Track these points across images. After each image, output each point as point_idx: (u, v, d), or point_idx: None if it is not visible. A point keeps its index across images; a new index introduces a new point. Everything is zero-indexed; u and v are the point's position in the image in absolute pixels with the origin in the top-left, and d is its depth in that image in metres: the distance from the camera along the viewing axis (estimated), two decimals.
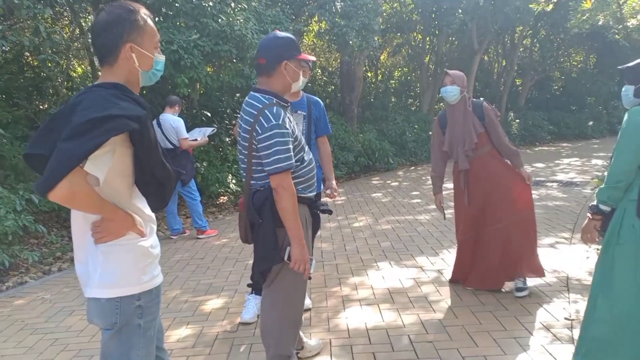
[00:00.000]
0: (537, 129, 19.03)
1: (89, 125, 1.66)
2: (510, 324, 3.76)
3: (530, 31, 19.84)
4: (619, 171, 2.65)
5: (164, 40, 7.16)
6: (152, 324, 1.96)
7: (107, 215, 1.82)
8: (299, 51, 2.67)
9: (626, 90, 2.82)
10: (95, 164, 1.72)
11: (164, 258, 5.82)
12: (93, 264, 1.87)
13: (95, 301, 1.88)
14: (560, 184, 10.07)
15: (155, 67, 1.97)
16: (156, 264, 1.99)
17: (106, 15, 1.87)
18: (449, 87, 4.17)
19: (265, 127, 2.46)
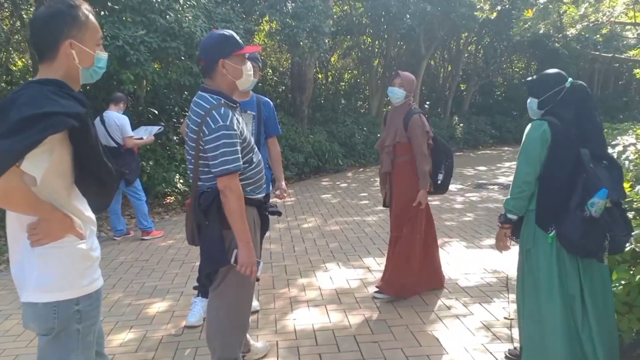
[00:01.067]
0: (480, 133, 19.60)
1: (27, 122, 1.60)
2: (452, 324, 3.87)
3: (475, 38, 20.45)
4: (521, 182, 2.82)
5: (109, 35, 6.97)
6: (91, 329, 1.91)
7: (44, 216, 1.76)
8: (237, 46, 2.60)
9: (531, 102, 2.96)
10: (32, 163, 1.65)
11: (106, 260, 5.66)
12: (29, 267, 1.80)
13: (31, 306, 1.82)
14: (501, 186, 10.42)
15: (96, 65, 1.91)
16: (96, 267, 1.94)
17: (46, 9, 1.81)
18: (396, 88, 4.21)
19: (212, 127, 2.44)
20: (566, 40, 7.92)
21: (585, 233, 2.57)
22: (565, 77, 2.87)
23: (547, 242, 2.75)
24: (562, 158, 2.72)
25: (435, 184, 4.28)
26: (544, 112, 2.88)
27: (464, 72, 21.22)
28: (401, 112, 4.24)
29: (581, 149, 2.69)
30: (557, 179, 2.73)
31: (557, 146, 2.72)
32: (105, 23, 7.14)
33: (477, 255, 5.62)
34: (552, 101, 2.85)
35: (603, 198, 2.55)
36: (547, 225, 2.74)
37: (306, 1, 11.29)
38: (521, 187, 2.81)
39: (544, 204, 2.78)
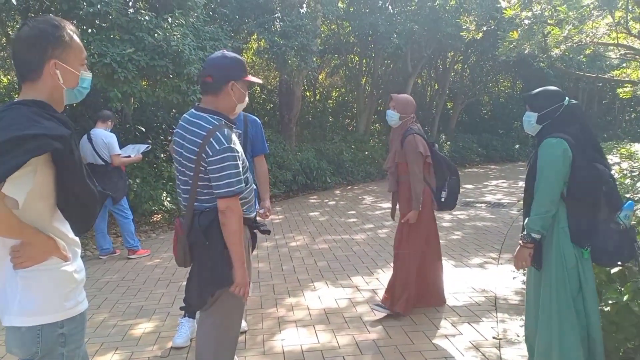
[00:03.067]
0: (467, 151, 19.74)
1: (9, 145, 1.58)
2: (441, 344, 3.85)
3: (461, 57, 20.70)
4: (547, 202, 2.84)
5: (96, 52, 6.95)
6: (75, 352, 1.88)
7: (26, 239, 1.73)
8: (246, 72, 2.65)
9: (528, 116, 3.02)
10: (14, 186, 1.63)
11: (92, 279, 5.58)
12: (12, 291, 1.77)
13: (14, 330, 1.78)
14: (489, 205, 10.48)
15: (80, 85, 1.90)
16: (81, 289, 1.92)
17: (29, 30, 1.80)
18: (390, 111, 4.34)
19: (217, 149, 2.43)
20: (551, 60, 8.02)
21: (620, 244, 2.70)
22: (564, 95, 2.97)
23: (584, 257, 2.83)
24: (584, 174, 2.79)
25: (439, 202, 4.33)
26: (542, 128, 2.96)
27: (450, 90, 21.44)
28: (399, 133, 4.33)
29: (597, 165, 2.80)
30: (583, 196, 2.80)
31: (578, 163, 2.80)
32: (93, 41, 7.13)
33: (465, 274, 5.62)
34: (550, 117, 2.92)
35: (631, 209, 2.70)
36: (583, 241, 2.82)
37: (294, 20, 11.38)
38: (548, 206, 2.83)
39: (576, 221, 2.83)
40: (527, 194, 3.04)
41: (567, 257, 2.85)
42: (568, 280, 2.85)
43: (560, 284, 2.87)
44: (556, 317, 2.88)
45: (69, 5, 7.05)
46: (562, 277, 2.86)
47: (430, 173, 4.33)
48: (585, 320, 2.86)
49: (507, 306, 4.60)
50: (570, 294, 2.85)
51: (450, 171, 4.36)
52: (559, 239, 2.87)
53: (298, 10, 12.34)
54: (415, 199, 4.18)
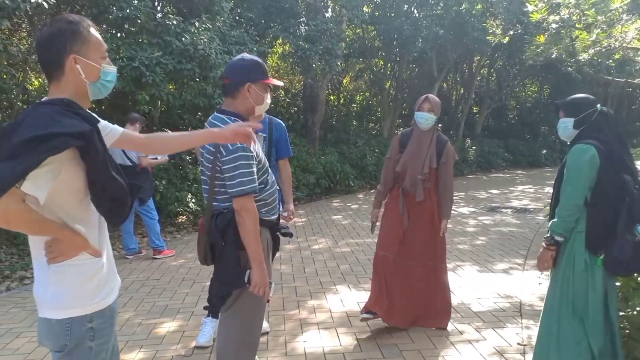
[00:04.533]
0: (492, 156, 19.55)
1: (27, 145, 1.61)
2: (464, 349, 3.82)
3: (487, 61, 20.52)
4: (571, 206, 2.84)
5: (125, 56, 7.08)
6: (104, 346, 1.91)
7: (51, 235, 1.77)
8: (265, 75, 2.66)
9: (564, 122, 3.02)
10: (34, 184, 1.66)
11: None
12: (45, 284, 1.82)
13: (45, 322, 1.83)
14: (514, 210, 10.34)
15: (103, 78, 1.91)
16: (110, 285, 1.95)
17: (48, 29, 1.83)
18: (427, 113, 4.05)
19: (229, 149, 2.46)
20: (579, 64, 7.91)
21: (635, 255, 2.69)
22: (595, 101, 2.99)
23: (597, 264, 2.82)
24: (609, 182, 2.80)
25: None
26: (579, 132, 2.96)
27: (476, 95, 21.27)
28: (428, 137, 4.11)
29: (624, 175, 2.79)
30: (605, 203, 2.80)
31: (605, 171, 2.80)
32: (122, 44, 7.27)
33: (489, 279, 5.56)
34: (587, 121, 2.94)
35: None
36: (597, 249, 2.81)
37: (319, 24, 11.43)
38: (572, 210, 2.84)
39: (593, 228, 2.83)
40: (554, 198, 3.05)
41: (576, 261, 2.87)
42: (572, 284, 2.88)
43: (565, 286, 2.90)
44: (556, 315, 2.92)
45: (98, 9, 7.21)
46: (567, 279, 2.90)
47: None
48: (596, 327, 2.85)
49: (532, 312, 4.54)
50: (572, 298, 2.88)
51: None
52: (573, 242, 2.89)
53: (323, 14, 12.40)
54: (448, 205, 4.08)
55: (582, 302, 2.87)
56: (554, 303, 2.97)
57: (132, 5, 7.24)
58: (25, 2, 5.40)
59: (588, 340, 2.84)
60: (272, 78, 2.73)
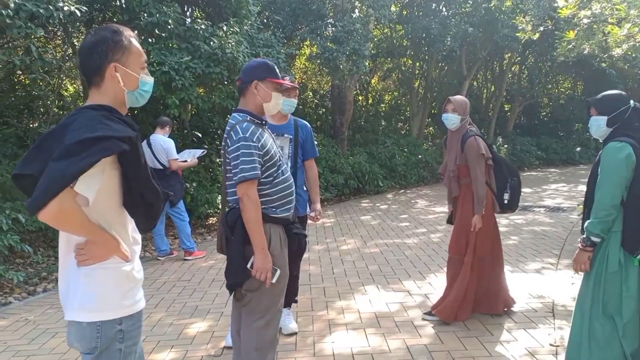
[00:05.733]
0: (525, 154, 19.21)
1: (81, 145, 1.66)
2: (495, 350, 3.76)
3: (518, 58, 20.16)
4: (608, 206, 2.79)
5: (155, 61, 7.20)
6: (132, 348, 1.94)
7: (93, 237, 1.81)
8: (273, 75, 2.80)
9: (597, 120, 2.96)
10: (85, 185, 1.71)
11: (150, 279, 5.78)
12: (75, 287, 1.86)
13: (76, 324, 1.86)
14: (547, 209, 10.15)
15: (141, 88, 1.97)
16: (139, 288, 1.98)
17: (91, 37, 1.91)
18: (450, 114, 4.18)
19: (233, 139, 2.64)
20: (612, 60, 7.70)
21: None
22: (628, 98, 2.94)
23: (634, 264, 2.77)
24: None
25: (502, 204, 4.25)
26: (612, 130, 2.91)
27: (507, 92, 20.91)
28: (458, 136, 4.21)
29: None
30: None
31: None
32: (152, 50, 7.40)
33: (521, 279, 5.47)
34: (620, 119, 2.89)
35: None
36: (634, 249, 2.75)
37: (346, 25, 11.41)
38: (608, 210, 2.79)
39: (630, 228, 2.77)
40: (588, 197, 2.99)
41: (610, 261, 2.81)
42: (604, 284, 2.82)
43: (596, 286, 2.86)
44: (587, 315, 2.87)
45: (129, 16, 7.35)
46: (599, 279, 2.85)
47: (491, 175, 4.25)
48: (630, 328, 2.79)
49: (565, 312, 4.44)
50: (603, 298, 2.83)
51: (511, 172, 4.29)
52: (608, 242, 2.83)
53: (350, 15, 12.36)
54: (479, 203, 4.08)
55: (615, 303, 2.81)
56: (585, 302, 2.92)
57: (161, 11, 7.36)
58: (58, 10, 5.54)
59: (620, 341, 2.77)
60: (284, 79, 2.89)
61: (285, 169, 2.81)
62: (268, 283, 2.67)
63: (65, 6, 5.64)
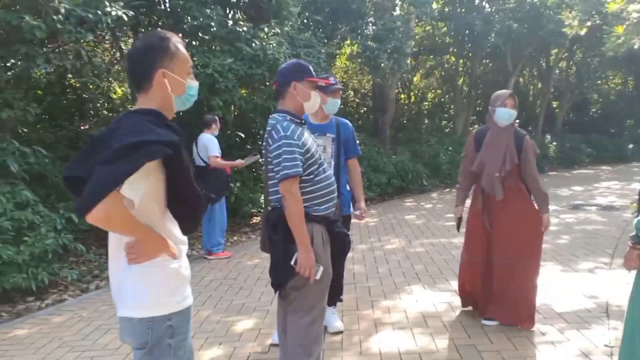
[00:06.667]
0: (575, 152, 18.68)
1: (127, 150, 1.71)
2: (547, 351, 3.65)
3: (565, 54, 19.60)
4: None
5: (199, 64, 7.33)
6: (182, 344, 1.97)
7: (140, 237, 1.85)
8: (308, 74, 2.84)
9: None
10: (131, 188, 1.75)
11: (197, 277, 5.87)
12: (126, 284, 1.90)
13: (127, 321, 1.91)
14: (600, 207, 9.81)
15: (188, 92, 2.01)
16: (187, 285, 2.01)
17: (140, 43, 1.96)
18: (511, 110, 3.97)
19: (275, 138, 2.67)
20: None
21: None
22: None
23: None
24: None
25: None
26: None
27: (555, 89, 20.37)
28: (507, 134, 4.02)
29: None
30: None
31: None
32: (196, 52, 7.54)
33: (573, 279, 5.30)
34: None
35: None
36: None
37: (387, 23, 11.34)
38: None
39: None
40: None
41: None
42: None
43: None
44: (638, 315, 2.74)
45: (174, 19, 7.51)
46: None
47: None
48: None
49: (620, 313, 4.26)
50: None
51: None
52: None
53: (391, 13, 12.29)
54: (546, 201, 3.98)
55: None
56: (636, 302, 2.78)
57: (204, 14, 7.49)
58: (106, 15, 5.71)
59: None
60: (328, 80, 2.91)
61: (326, 167, 2.83)
62: (312, 279, 2.67)
63: (113, 11, 5.80)
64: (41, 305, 5.21)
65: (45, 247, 5.18)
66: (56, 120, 7.88)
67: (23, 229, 5.17)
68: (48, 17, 5.31)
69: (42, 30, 5.17)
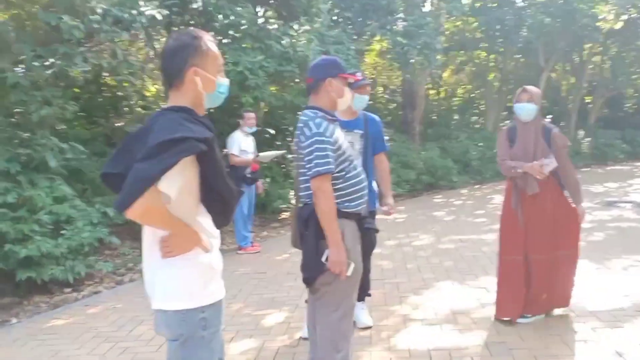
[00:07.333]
0: (609, 148, 18.26)
1: (163, 146, 1.76)
2: (580, 349, 3.61)
3: (600, 48, 19.12)
4: None
5: (230, 61, 7.42)
6: (215, 335, 2.02)
7: (175, 231, 1.90)
8: (342, 70, 2.85)
9: None
10: (168, 183, 1.81)
11: (228, 271, 5.91)
12: (160, 277, 1.96)
13: (162, 313, 1.96)
14: (635, 204, 9.59)
15: (218, 90, 2.05)
16: (219, 278, 2.06)
17: (173, 41, 2.01)
18: (527, 104, 3.94)
19: (307, 135, 2.67)
20: None
21: None
22: None
23: None
24: None
25: None
26: None
27: (589, 84, 19.91)
28: (535, 128, 3.99)
29: None
30: None
31: None
32: (227, 50, 7.63)
33: (607, 277, 5.21)
34: None
35: None
36: None
37: (417, 19, 11.28)
38: None
39: None
40: None
41: None
42: None
43: None
44: None
45: (206, 18, 7.61)
46: None
47: None
48: None
49: None
50: None
51: None
52: None
53: (420, 8, 12.20)
54: (579, 192, 4.01)
55: None
56: None
57: (235, 12, 7.57)
58: (141, 15, 5.84)
59: None
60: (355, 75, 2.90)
61: (357, 164, 2.84)
62: (343, 276, 2.69)
63: (147, 10, 5.93)
64: (77, 296, 5.38)
65: (82, 241, 5.34)
66: (92, 118, 8.09)
67: (61, 223, 5.33)
68: (85, 18, 5.46)
69: (80, 30, 5.32)
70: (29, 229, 4.97)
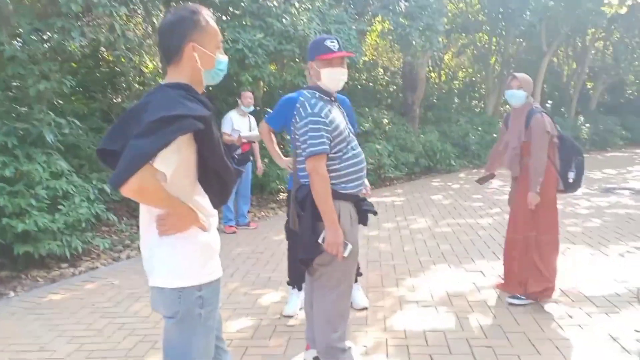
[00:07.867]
0: (608, 134, 18.24)
1: (159, 124, 1.72)
2: (574, 334, 3.63)
3: (603, 33, 19.00)
4: None
5: (229, 39, 7.33)
6: (212, 314, 2.01)
7: (172, 209, 1.88)
8: (319, 51, 2.76)
9: None
10: (163, 161, 1.78)
11: (225, 250, 5.96)
12: (157, 255, 1.94)
13: (159, 290, 1.95)
14: (632, 191, 9.60)
15: (217, 67, 2.02)
16: (216, 257, 2.05)
17: (171, 16, 1.96)
18: (516, 91, 4.12)
19: (302, 116, 2.68)
20: None
21: None
22: None
23: None
24: None
25: (566, 183, 4.12)
26: None
27: (590, 69, 19.79)
28: (522, 113, 4.14)
29: None
30: None
31: None
32: (227, 27, 7.54)
33: (603, 263, 5.23)
34: None
35: None
36: None
37: (420, 0, 11.14)
38: None
39: None
40: None
41: None
42: None
43: None
44: None
45: None
46: None
47: (555, 154, 4.10)
48: None
49: None
50: None
51: (576, 151, 4.14)
52: None
53: None
54: (535, 180, 4.01)
55: None
56: None
57: None
58: None
59: None
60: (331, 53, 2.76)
61: (355, 145, 2.81)
62: (340, 257, 2.69)
63: None
64: (75, 272, 5.37)
65: (79, 216, 5.32)
66: (90, 93, 8.02)
67: (58, 198, 5.31)
68: None
69: (77, 3, 5.23)
70: (26, 203, 4.94)
